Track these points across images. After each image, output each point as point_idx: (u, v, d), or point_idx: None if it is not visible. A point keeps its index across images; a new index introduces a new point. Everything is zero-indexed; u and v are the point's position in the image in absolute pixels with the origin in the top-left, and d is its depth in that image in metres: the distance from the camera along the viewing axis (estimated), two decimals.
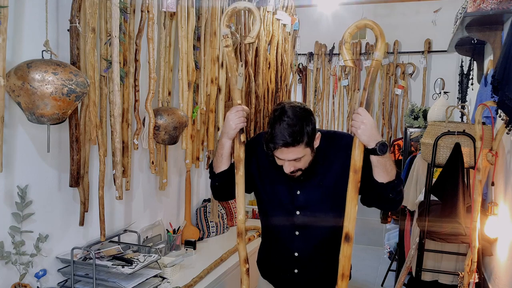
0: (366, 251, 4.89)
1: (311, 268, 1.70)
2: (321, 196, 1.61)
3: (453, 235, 2.53)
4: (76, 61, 1.71)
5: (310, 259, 1.68)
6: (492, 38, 2.50)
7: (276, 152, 1.48)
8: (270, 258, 1.79)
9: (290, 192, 1.63)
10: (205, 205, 2.91)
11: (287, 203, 1.64)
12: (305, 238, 1.65)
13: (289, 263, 1.70)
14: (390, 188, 1.50)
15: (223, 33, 1.53)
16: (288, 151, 1.46)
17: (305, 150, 1.49)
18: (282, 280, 1.76)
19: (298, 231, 1.65)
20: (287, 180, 1.61)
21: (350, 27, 1.44)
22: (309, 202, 1.62)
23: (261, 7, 3.34)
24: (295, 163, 1.51)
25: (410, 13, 4.72)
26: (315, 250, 1.67)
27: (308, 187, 1.61)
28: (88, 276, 1.82)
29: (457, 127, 2.54)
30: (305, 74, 5.15)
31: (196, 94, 2.57)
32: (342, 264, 1.52)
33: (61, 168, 1.82)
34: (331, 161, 1.59)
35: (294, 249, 1.67)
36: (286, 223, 1.66)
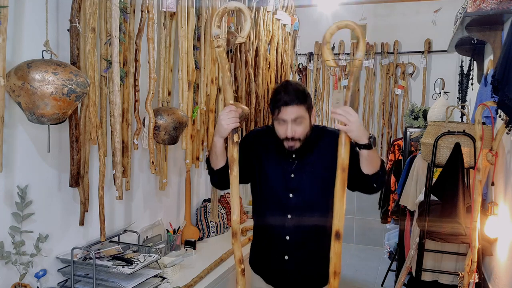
0: (366, 251, 4.90)
1: (300, 254, 1.76)
2: (313, 180, 1.73)
3: (453, 235, 2.53)
4: (76, 61, 1.71)
5: (300, 243, 1.75)
6: (492, 38, 2.50)
7: (281, 112, 1.63)
8: (262, 246, 1.86)
9: (285, 176, 1.74)
10: (205, 205, 2.91)
11: (281, 186, 1.74)
12: (297, 222, 1.74)
13: (280, 248, 1.77)
14: (375, 179, 1.63)
15: (214, 34, 1.53)
16: (292, 109, 1.62)
17: (305, 114, 1.66)
18: (272, 270, 1.82)
19: (290, 214, 1.73)
20: (283, 165, 1.74)
21: (330, 28, 1.46)
22: (301, 185, 1.73)
23: (261, 7, 3.34)
24: (296, 126, 1.64)
25: (410, 13, 4.72)
26: (306, 234, 1.75)
27: (301, 171, 1.73)
28: (88, 276, 1.82)
29: (457, 127, 2.54)
30: (305, 74, 5.15)
31: (196, 94, 2.57)
32: (334, 262, 1.52)
33: (61, 168, 1.82)
34: (323, 150, 1.73)
35: (286, 233, 1.74)
36: (279, 206, 1.75)
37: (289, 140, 1.66)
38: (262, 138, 1.81)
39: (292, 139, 1.65)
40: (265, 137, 1.80)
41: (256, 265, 1.88)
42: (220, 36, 1.52)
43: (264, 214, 1.82)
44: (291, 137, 1.65)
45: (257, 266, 1.88)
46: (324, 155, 1.72)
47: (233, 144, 1.57)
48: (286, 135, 1.65)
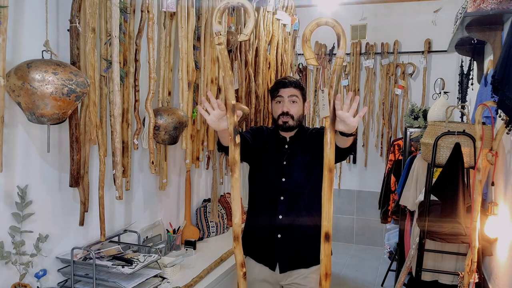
0: (366, 251, 4.90)
1: (292, 232, 1.99)
2: (302, 166, 2.01)
3: (453, 235, 2.53)
4: (76, 61, 1.71)
5: (292, 222, 1.99)
6: (492, 38, 2.50)
7: (280, 91, 2.01)
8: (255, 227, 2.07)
9: (278, 163, 2.04)
10: (205, 205, 2.92)
11: (275, 171, 2.03)
12: (289, 202, 2.00)
13: (273, 228, 2.00)
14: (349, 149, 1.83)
15: (216, 30, 1.45)
16: (289, 90, 2.01)
17: (300, 97, 2.03)
18: (265, 248, 2.02)
19: (283, 196, 2.00)
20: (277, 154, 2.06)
21: (310, 25, 1.41)
22: (292, 170, 2.02)
23: (261, 7, 3.34)
24: (291, 105, 2.01)
25: (410, 13, 4.73)
26: (296, 213, 1.99)
27: (292, 157, 2.04)
28: (88, 276, 1.82)
29: (457, 127, 2.54)
30: (305, 74, 5.15)
31: (196, 94, 2.57)
32: (324, 264, 1.51)
33: (61, 168, 1.82)
34: (310, 141, 2.04)
35: (279, 212, 1.99)
36: (273, 189, 2.02)
37: (284, 115, 1.99)
38: (266, 132, 2.15)
39: (287, 114, 1.99)
40: (268, 132, 2.15)
41: (247, 248, 1.96)
42: (221, 33, 1.46)
43: (259, 196, 2.08)
44: (286, 112, 1.99)
45: (248, 248, 2.01)
46: (310, 146, 2.02)
47: (235, 146, 1.52)
48: (282, 110, 2.00)
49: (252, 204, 2.13)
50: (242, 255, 1.61)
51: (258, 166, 2.09)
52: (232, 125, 1.50)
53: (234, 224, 1.57)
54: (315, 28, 1.42)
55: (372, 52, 4.85)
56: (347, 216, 5.11)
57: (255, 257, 2.06)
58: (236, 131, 1.53)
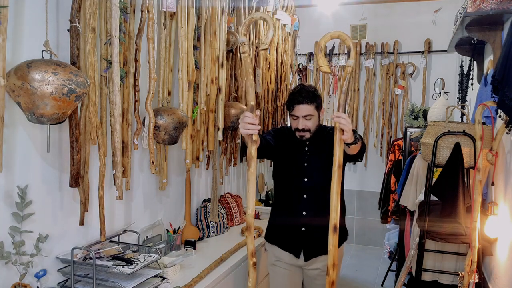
0: (366, 251, 4.90)
1: (315, 225, 2.15)
2: (321, 167, 2.13)
3: (453, 235, 2.53)
4: (76, 61, 1.71)
5: (314, 217, 2.17)
6: (492, 38, 2.50)
7: (295, 109, 2.12)
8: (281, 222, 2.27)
9: (300, 164, 2.21)
10: (205, 205, 2.91)
11: (297, 172, 2.20)
12: (311, 200, 2.19)
13: (298, 222, 2.20)
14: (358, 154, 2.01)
15: (241, 41, 1.67)
16: (304, 108, 2.11)
17: (314, 112, 2.13)
18: (291, 239, 2.23)
19: (306, 194, 2.19)
20: (298, 156, 2.21)
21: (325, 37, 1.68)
22: (313, 171, 2.19)
23: (261, 7, 3.34)
24: (306, 121, 2.13)
25: (410, 13, 4.72)
26: (319, 209, 2.16)
27: (312, 160, 2.19)
28: (88, 276, 1.82)
29: (457, 127, 2.54)
30: (305, 74, 5.15)
31: (196, 94, 2.57)
32: (332, 254, 1.71)
33: (61, 168, 1.82)
34: (326, 140, 2.10)
35: (302, 209, 2.20)
36: (296, 189, 2.21)
37: (300, 131, 2.15)
38: (287, 133, 2.28)
39: (303, 130, 2.14)
40: (288, 133, 2.27)
41: (273, 237, 2.31)
42: (245, 43, 1.65)
43: (283, 193, 2.28)
44: (301, 129, 2.14)
45: (274, 238, 2.30)
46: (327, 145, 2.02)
47: (251, 143, 1.69)
48: (297, 127, 2.14)
49: (277, 200, 2.34)
50: (254, 244, 1.76)
51: (282, 166, 2.27)
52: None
53: (247, 215, 1.72)
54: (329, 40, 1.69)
55: (372, 52, 4.85)
56: (347, 216, 5.04)
57: (281, 245, 2.27)
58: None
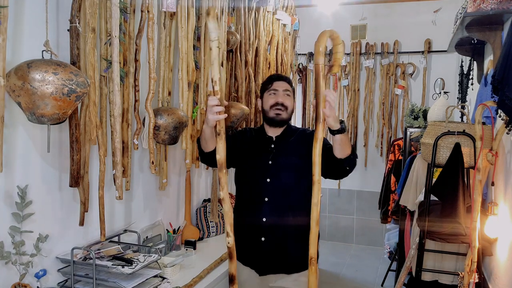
0: (366, 251, 4.90)
1: (276, 236, 1.94)
2: (288, 167, 1.96)
3: (453, 235, 2.53)
4: (76, 61, 1.71)
5: (276, 225, 1.93)
6: (492, 38, 2.50)
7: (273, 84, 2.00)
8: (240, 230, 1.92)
9: (264, 162, 1.99)
10: (205, 205, 2.91)
11: (260, 171, 1.98)
12: (273, 205, 1.95)
13: (256, 230, 1.95)
14: (347, 163, 1.81)
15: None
16: (283, 83, 2.02)
17: (291, 94, 2.03)
18: (250, 251, 1.98)
19: (267, 197, 1.95)
20: (263, 152, 2.01)
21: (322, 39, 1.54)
22: (278, 170, 1.96)
23: (261, 7, 3.34)
24: (285, 97, 1.99)
25: (410, 13, 4.72)
26: (281, 217, 1.94)
27: (278, 158, 1.98)
28: (88, 276, 1.82)
29: (457, 127, 2.54)
30: (305, 74, 5.15)
31: (196, 94, 2.57)
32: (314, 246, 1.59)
33: (61, 168, 1.82)
34: (297, 141, 2.00)
35: (263, 215, 1.94)
36: (257, 189, 1.98)
37: (279, 105, 1.97)
38: (248, 133, 2.12)
39: (282, 105, 1.97)
40: (251, 132, 2.12)
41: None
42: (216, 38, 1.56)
43: (243, 197, 2.05)
44: (281, 103, 1.97)
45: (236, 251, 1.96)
46: (298, 146, 1.97)
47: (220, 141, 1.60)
48: (277, 101, 1.97)
49: (237, 206, 2.09)
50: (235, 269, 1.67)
51: (242, 168, 2.06)
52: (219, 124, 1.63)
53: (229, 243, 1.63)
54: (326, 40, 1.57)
55: (372, 52, 4.85)
56: (347, 216, 5.11)
57: (241, 259, 1.99)
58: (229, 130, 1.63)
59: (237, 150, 2.00)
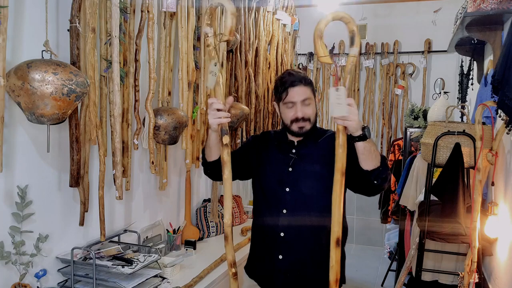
0: (366, 251, 4.90)
1: (295, 254, 1.69)
2: (310, 175, 1.70)
3: (453, 235, 2.53)
4: (76, 61, 1.71)
5: (295, 241, 1.69)
6: (492, 38, 2.50)
7: (289, 94, 1.66)
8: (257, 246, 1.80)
9: (282, 170, 1.73)
10: (205, 205, 2.91)
11: (278, 179, 1.72)
12: (292, 217, 1.69)
13: (274, 246, 1.71)
14: (375, 175, 1.54)
15: (205, 32, 1.49)
16: (300, 90, 1.65)
17: (312, 96, 1.69)
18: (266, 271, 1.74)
19: (285, 209, 1.69)
20: (281, 159, 1.74)
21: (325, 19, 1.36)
22: (298, 179, 1.70)
23: (261, 7, 3.34)
24: (305, 107, 1.66)
25: (410, 13, 4.72)
26: (301, 232, 1.69)
27: (300, 165, 1.71)
28: (88, 276, 1.82)
29: (457, 127, 2.54)
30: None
31: (196, 94, 2.57)
32: (335, 270, 1.46)
33: (61, 168, 1.82)
34: (322, 147, 1.72)
35: (280, 229, 1.69)
36: (275, 202, 1.72)
37: (299, 120, 1.66)
38: (268, 138, 1.85)
39: (303, 119, 1.66)
40: (271, 137, 1.85)
41: (251, 268, 1.82)
42: (208, 34, 1.49)
43: (260, 210, 1.79)
44: (301, 118, 1.66)
45: (251, 269, 1.82)
46: (323, 153, 1.69)
47: (223, 147, 1.51)
48: (296, 116, 1.66)
49: (254, 219, 1.86)
50: (233, 254, 1.57)
51: (259, 175, 1.79)
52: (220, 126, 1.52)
53: (224, 224, 1.55)
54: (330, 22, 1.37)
55: (372, 52, 4.85)
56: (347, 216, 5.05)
57: (259, 281, 1.78)
58: (224, 131, 1.52)
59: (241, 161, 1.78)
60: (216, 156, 1.68)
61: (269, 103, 3.60)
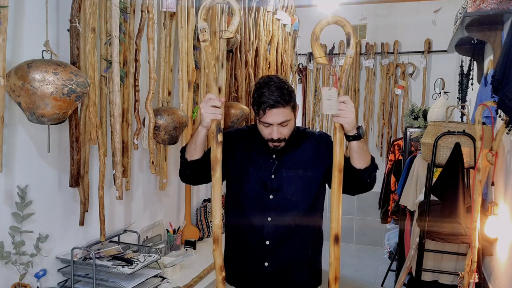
0: (366, 251, 4.90)
1: (282, 260, 1.67)
2: (294, 180, 1.66)
3: (453, 235, 2.53)
4: (76, 61, 1.71)
5: (281, 248, 1.67)
6: (492, 38, 2.50)
7: (266, 115, 1.56)
8: (238, 253, 1.74)
9: (265, 177, 1.67)
10: (205, 205, 2.92)
11: (261, 187, 1.66)
12: (277, 224, 1.65)
13: (259, 254, 1.67)
14: (367, 174, 1.57)
15: (200, 27, 1.45)
16: (278, 112, 1.56)
17: (291, 115, 1.61)
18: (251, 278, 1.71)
19: (270, 217, 1.65)
20: (263, 165, 1.68)
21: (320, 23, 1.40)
22: (282, 185, 1.65)
23: (261, 7, 3.34)
24: (282, 128, 1.60)
25: (410, 13, 4.72)
26: (287, 238, 1.66)
27: (282, 170, 1.66)
28: (88, 276, 1.82)
29: (457, 127, 2.54)
30: (305, 74, 5.14)
31: (196, 94, 2.57)
32: (334, 267, 1.46)
33: (61, 168, 1.82)
34: (304, 150, 1.69)
35: (265, 237, 1.66)
36: (258, 209, 1.67)
37: (275, 141, 1.62)
38: (243, 137, 1.75)
39: (278, 140, 1.61)
40: (246, 136, 1.75)
41: (230, 275, 1.71)
42: (206, 30, 1.45)
43: (241, 217, 1.70)
44: (277, 138, 1.61)
45: (231, 276, 1.72)
46: (306, 155, 1.68)
47: (217, 144, 1.48)
48: (272, 137, 1.61)
49: (231, 226, 1.77)
50: (222, 258, 1.55)
51: (238, 181, 1.71)
52: (215, 122, 1.50)
53: (214, 226, 1.51)
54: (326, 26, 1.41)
55: (372, 52, 4.85)
56: (347, 216, 5.11)
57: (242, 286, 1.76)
58: (219, 129, 1.49)
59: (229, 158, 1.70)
60: (199, 155, 1.62)
61: None
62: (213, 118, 1.49)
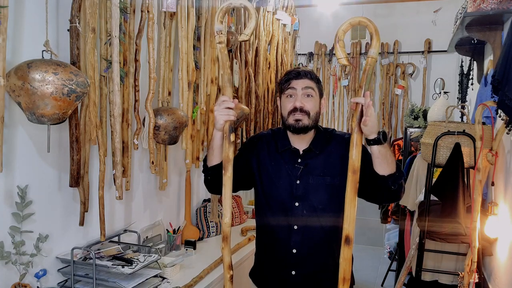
0: (366, 251, 4.90)
1: (309, 268, 1.63)
2: (321, 185, 1.60)
3: (453, 235, 2.53)
4: (76, 61, 1.71)
5: (308, 256, 1.62)
6: (492, 38, 2.50)
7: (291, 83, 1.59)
8: (266, 259, 1.72)
9: (290, 183, 1.62)
10: (205, 205, 2.91)
11: (286, 195, 1.62)
12: (304, 233, 1.61)
13: (286, 264, 1.64)
14: (392, 181, 1.49)
15: (217, 29, 1.46)
16: (303, 81, 1.59)
17: (315, 90, 1.61)
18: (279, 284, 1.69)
19: (296, 225, 1.61)
20: (288, 170, 1.62)
21: (343, 24, 1.41)
22: (308, 192, 1.60)
23: (261, 7, 3.34)
24: (306, 98, 1.58)
25: (410, 13, 4.73)
26: (314, 247, 1.62)
27: (308, 177, 1.61)
28: (88, 276, 1.82)
29: (457, 127, 2.54)
30: None
31: (196, 94, 2.57)
32: (343, 268, 1.45)
33: (61, 168, 1.82)
34: (331, 154, 1.63)
35: (292, 246, 1.61)
36: (284, 217, 1.62)
37: (297, 111, 1.56)
38: (267, 141, 1.71)
39: (301, 111, 1.56)
40: (270, 140, 1.71)
41: (260, 279, 1.74)
42: (222, 32, 1.46)
43: (268, 225, 1.68)
44: (299, 107, 1.56)
45: (261, 279, 1.74)
46: (333, 159, 1.61)
47: (229, 144, 1.48)
48: (295, 105, 1.56)
49: (260, 234, 1.75)
50: (230, 257, 1.53)
51: (262, 188, 1.67)
52: (228, 123, 1.49)
53: (223, 224, 1.51)
54: (349, 28, 1.42)
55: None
56: None
57: None
58: (231, 129, 1.49)
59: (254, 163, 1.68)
60: (218, 159, 1.58)
61: (269, 103, 3.60)
62: (226, 120, 1.48)
